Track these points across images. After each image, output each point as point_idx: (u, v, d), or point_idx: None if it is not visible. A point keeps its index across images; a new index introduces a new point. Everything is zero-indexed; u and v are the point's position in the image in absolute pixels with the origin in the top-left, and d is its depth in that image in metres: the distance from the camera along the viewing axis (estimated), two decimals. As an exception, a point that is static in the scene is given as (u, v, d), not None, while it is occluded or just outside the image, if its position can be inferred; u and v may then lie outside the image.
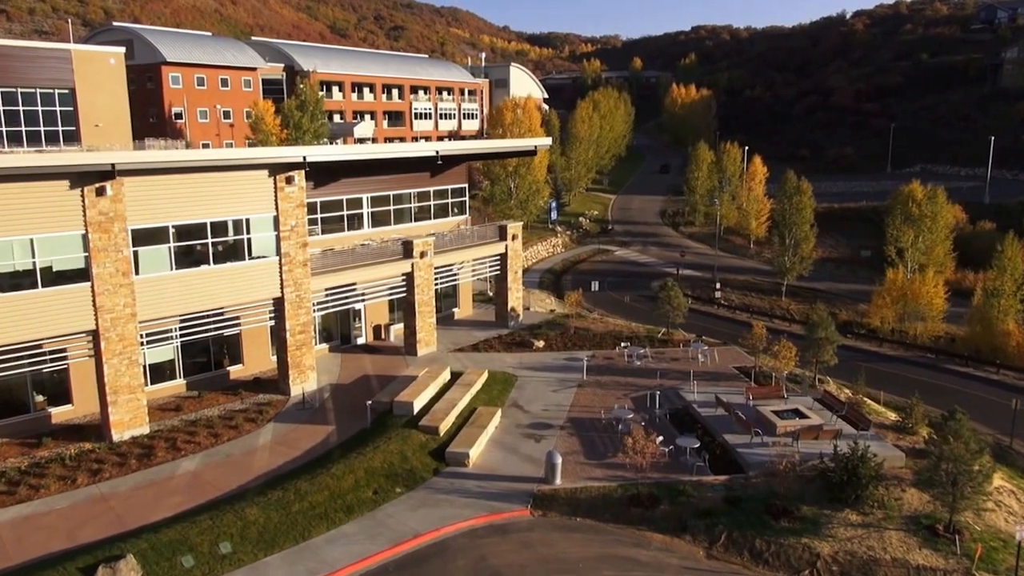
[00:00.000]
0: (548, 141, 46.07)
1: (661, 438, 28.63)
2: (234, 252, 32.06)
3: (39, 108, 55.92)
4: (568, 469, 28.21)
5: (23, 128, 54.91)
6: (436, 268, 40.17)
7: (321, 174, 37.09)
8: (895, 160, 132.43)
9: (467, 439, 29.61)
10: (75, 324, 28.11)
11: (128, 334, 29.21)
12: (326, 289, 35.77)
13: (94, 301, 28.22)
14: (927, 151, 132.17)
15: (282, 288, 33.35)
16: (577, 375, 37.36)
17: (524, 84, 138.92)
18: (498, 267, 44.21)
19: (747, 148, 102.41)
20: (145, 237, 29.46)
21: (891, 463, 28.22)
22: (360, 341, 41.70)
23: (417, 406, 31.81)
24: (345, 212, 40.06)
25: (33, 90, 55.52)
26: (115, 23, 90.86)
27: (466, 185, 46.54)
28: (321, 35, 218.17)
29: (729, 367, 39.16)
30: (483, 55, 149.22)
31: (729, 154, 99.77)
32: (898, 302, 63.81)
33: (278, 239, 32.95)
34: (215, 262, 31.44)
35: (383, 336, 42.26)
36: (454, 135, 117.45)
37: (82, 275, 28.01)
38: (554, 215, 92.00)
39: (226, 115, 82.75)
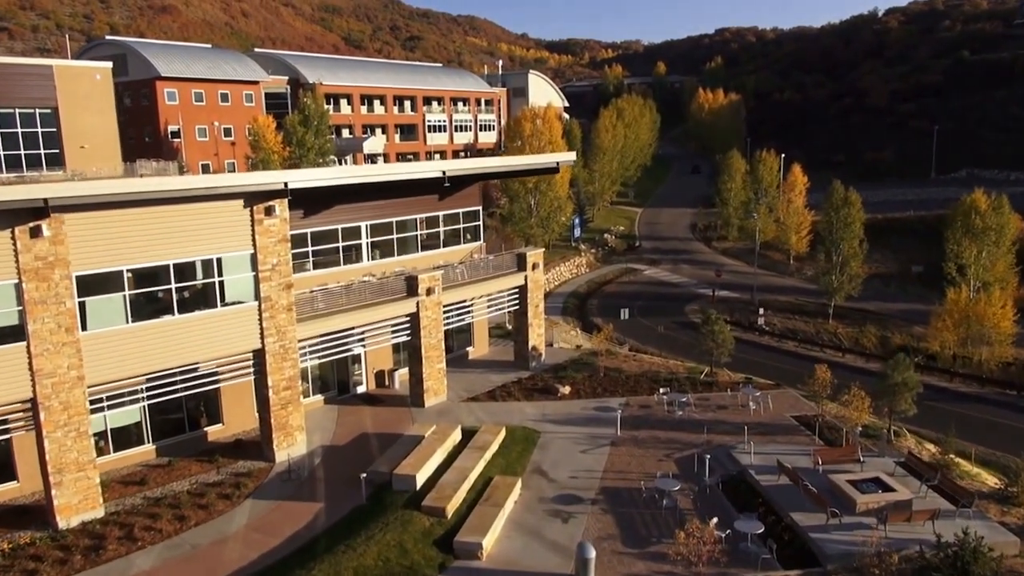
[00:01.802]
0: (572, 156, 41.02)
1: (716, 520, 23.31)
2: (203, 298, 27.23)
3: (19, 130, 51.80)
4: (603, 562, 22.87)
5: (1, 152, 50.76)
6: (446, 306, 35.14)
7: (310, 201, 32.24)
8: (939, 164, 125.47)
9: (480, 522, 24.41)
10: (7, 393, 23.36)
11: (74, 401, 24.43)
12: (318, 336, 30.85)
13: (31, 364, 23.48)
14: (973, 154, 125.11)
15: (262, 338, 28.45)
16: (609, 430, 32.05)
17: (544, 92, 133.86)
18: (517, 301, 39.08)
19: (783, 156, 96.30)
20: (94, 285, 24.71)
21: (1003, 551, 22.60)
22: (360, 390, 36.70)
23: (420, 479, 26.68)
24: (340, 243, 35.15)
25: (12, 110, 51.42)
26: (107, 37, 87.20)
27: (480, 208, 41.53)
28: (335, 47, 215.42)
29: (786, 416, 33.62)
30: (500, 63, 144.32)
31: (765, 163, 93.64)
32: (960, 325, 57.86)
33: (257, 281, 28.08)
34: (180, 311, 26.60)
35: (387, 383, 37.26)
36: (470, 148, 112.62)
37: (15, 333, 23.28)
38: (577, 232, 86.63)
39: (227, 132, 78.53)
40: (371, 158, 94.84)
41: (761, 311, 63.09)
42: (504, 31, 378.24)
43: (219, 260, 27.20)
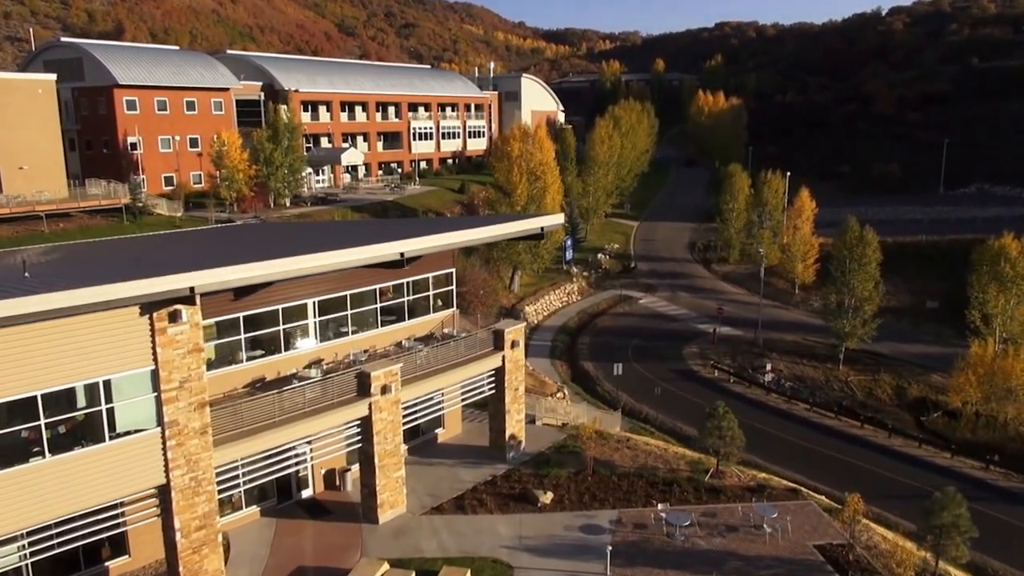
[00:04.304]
0: (560, 219, 35.49)
1: None
2: (88, 431, 21.58)
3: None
4: None
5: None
6: (406, 402, 29.59)
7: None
8: (947, 178, 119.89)
9: None
10: None
11: (-94, 578, 18.85)
12: (244, 458, 25.26)
13: None
14: (983, 168, 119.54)
15: (167, 472, 22.82)
16: (598, 566, 26.58)
17: (538, 96, 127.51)
18: (493, 385, 33.57)
19: (789, 174, 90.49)
20: (-69, 429, 19.09)
21: None
22: (306, 493, 31.18)
23: (357, 668, 21.21)
24: (281, 327, 29.51)
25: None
26: (62, 39, 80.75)
27: (452, 270, 35.98)
28: (327, 34, 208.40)
29: (808, 547, 28.24)
30: (492, 65, 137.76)
31: (770, 185, 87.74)
32: (985, 382, 52.78)
33: (159, 403, 22.41)
34: (54, 452, 20.95)
35: (338, 484, 31.76)
36: (458, 155, 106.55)
37: None
38: (569, 254, 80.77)
39: (193, 143, 72.32)
40: (351, 170, 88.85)
41: (768, 366, 57.53)
42: (501, 19, 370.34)
43: (107, 383, 21.53)
